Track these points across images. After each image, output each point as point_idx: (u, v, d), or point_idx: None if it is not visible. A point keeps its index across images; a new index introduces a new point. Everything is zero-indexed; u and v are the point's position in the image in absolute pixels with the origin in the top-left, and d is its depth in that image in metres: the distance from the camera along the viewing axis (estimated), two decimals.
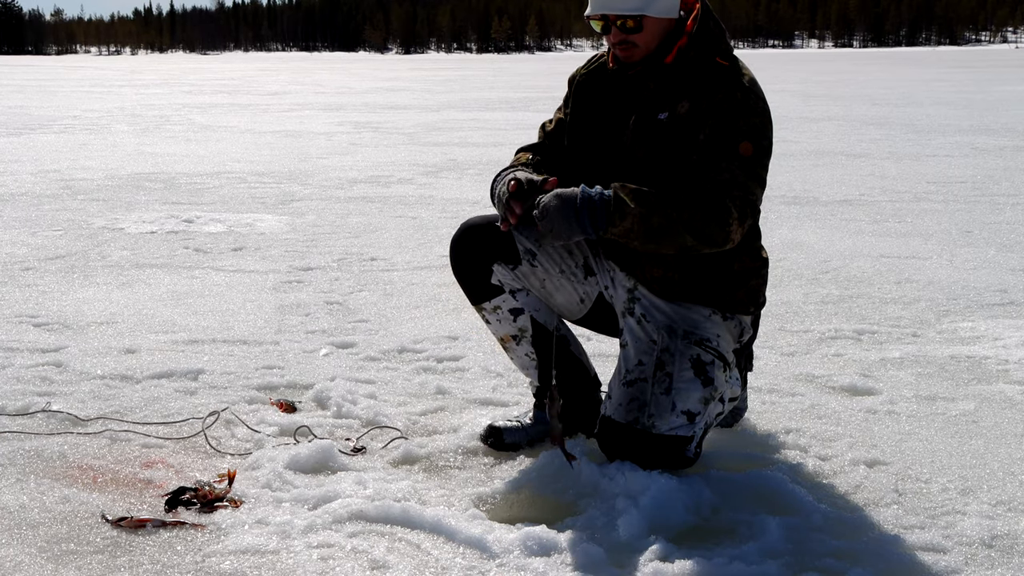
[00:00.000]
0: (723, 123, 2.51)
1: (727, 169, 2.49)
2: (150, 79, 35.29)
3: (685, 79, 2.60)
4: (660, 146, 2.59)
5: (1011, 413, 3.14)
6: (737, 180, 2.48)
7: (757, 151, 2.52)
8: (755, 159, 2.52)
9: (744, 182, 2.49)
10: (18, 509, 2.39)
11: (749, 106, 2.54)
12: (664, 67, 2.62)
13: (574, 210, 2.44)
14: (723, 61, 2.60)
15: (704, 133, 2.53)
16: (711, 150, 2.51)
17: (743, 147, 2.50)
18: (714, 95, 2.54)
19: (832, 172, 9.31)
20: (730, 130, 2.51)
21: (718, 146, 2.50)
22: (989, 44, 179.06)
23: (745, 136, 2.51)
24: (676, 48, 2.60)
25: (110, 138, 12.71)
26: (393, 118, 16.25)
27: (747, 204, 2.50)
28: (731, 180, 2.48)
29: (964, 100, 20.27)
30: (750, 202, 2.51)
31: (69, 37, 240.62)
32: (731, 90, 2.54)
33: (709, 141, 2.52)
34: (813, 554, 2.23)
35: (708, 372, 2.57)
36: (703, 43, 2.61)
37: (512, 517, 2.42)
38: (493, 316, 2.85)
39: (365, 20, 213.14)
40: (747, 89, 2.56)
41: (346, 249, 5.74)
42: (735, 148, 2.50)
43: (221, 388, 3.30)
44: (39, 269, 5.15)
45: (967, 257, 5.58)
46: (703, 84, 2.57)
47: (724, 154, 2.50)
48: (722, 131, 2.51)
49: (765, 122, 2.56)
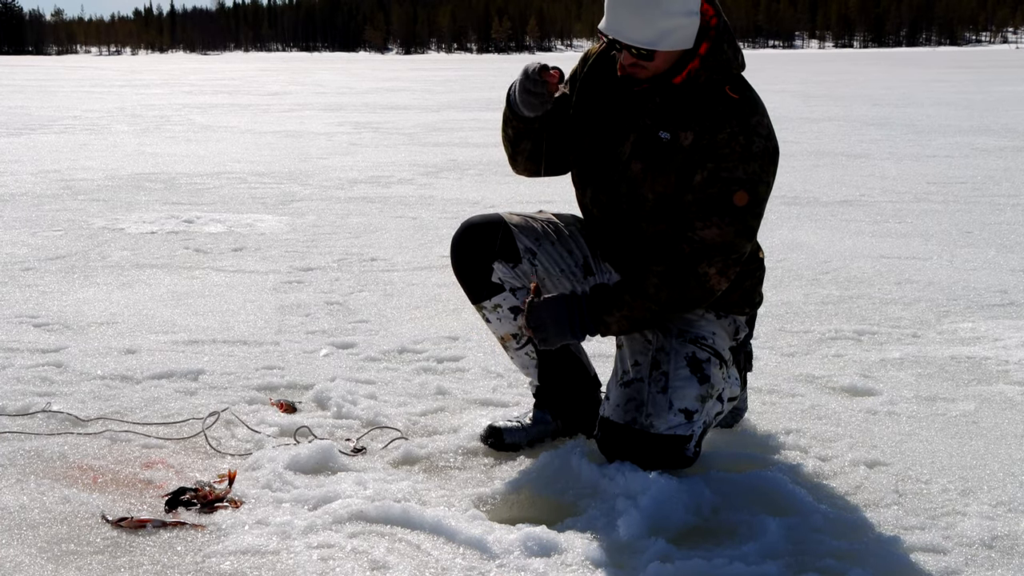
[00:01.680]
0: (721, 169, 2.48)
1: (716, 224, 2.48)
2: (150, 79, 35.29)
3: (692, 104, 2.54)
4: (656, 164, 2.56)
5: (1011, 414, 3.14)
6: (724, 240, 2.49)
7: (752, 200, 2.49)
8: (748, 209, 2.49)
9: (731, 240, 2.49)
10: (18, 509, 2.39)
11: (751, 151, 2.48)
12: (672, 87, 2.57)
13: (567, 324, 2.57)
14: (733, 94, 2.53)
15: (702, 175, 2.50)
16: (704, 198, 2.49)
17: (737, 197, 2.48)
18: (716, 134, 2.49)
19: (832, 172, 9.32)
20: (727, 179, 2.48)
21: (712, 195, 2.48)
22: (989, 44, 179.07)
23: (741, 185, 2.48)
24: (687, 71, 2.53)
25: (110, 138, 12.71)
26: (393, 118, 16.25)
27: (727, 263, 2.52)
28: (711, 242, 2.49)
29: (964, 101, 20.28)
30: (732, 260, 2.52)
31: (69, 37, 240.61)
32: (735, 132, 2.48)
33: (704, 187, 2.49)
34: (813, 554, 2.23)
35: (704, 369, 2.57)
36: (714, 68, 2.54)
37: (512, 517, 2.42)
38: (493, 315, 2.85)
39: (365, 20, 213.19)
40: (751, 130, 2.49)
41: (346, 249, 5.74)
42: (729, 199, 2.48)
43: (221, 388, 3.30)
44: (39, 269, 5.15)
45: (967, 258, 5.58)
46: (709, 117, 2.51)
47: (716, 205, 2.48)
48: (719, 178, 2.48)
49: (765, 165, 2.51)
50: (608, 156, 2.65)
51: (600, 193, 2.69)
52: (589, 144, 2.71)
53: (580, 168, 2.75)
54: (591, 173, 2.71)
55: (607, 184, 2.66)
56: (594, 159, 2.69)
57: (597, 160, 2.68)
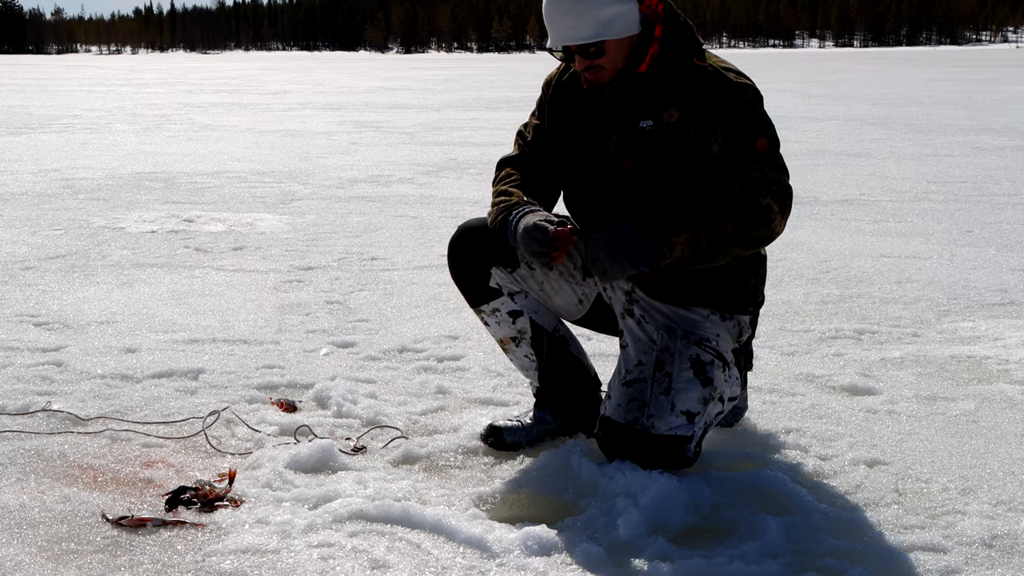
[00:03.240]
0: (733, 128, 2.50)
1: (756, 169, 2.49)
2: (151, 78, 35.30)
3: (666, 85, 2.56)
4: (646, 154, 2.57)
5: (1011, 413, 3.14)
6: (768, 176, 2.49)
7: (772, 142, 2.54)
8: (772, 150, 2.53)
9: (775, 176, 2.51)
10: (18, 508, 2.39)
11: (747, 101, 2.53)
12: (639, 77, 2.58)
13: (624, 253, 2.49)
14: (700, 62, 2.57)
15: (717, 143, 2.51)
16: (732, 156, 2.50)
17: (759, 144, 2.51)
18: (708, 101, 2.51)
19: (833, 172, 9.31)
20: (742, 132, 2.50)
21: (737, 151, 2.50)
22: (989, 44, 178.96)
23: (757, 132, 2.51)
24: (648, 57, 2.56)
25: (111, 137, 12.71)
26: (394, 117, 16.25)
27: (784, 195, 2.51)
28: (763, 177, 2.49)
29: (965, 100, 20.27)
30: (786, 192, 2.52)
31: (69, 36, 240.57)
32: (725, 92, 2.52)
33: (726, 149, 2.50)
34: (813, 554, 2.23)
35: (707, 372, 2.57)
36: (675, 46, 2.57)
37: (512, 517, 2.42)
38: (492, 318, 2.85)
39: (365, 20, 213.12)
40: (738, 85, 2.54)
41: (346, 248, 5.74)
42: (753, 148, 2.50)
43: (221, 387, 3.30)
44: (39, 268, 5.15)
45: (967, 257, 5.58)
46: (690, 90, 2.53)
47: (746, 156, 2.50)
48: (735, 136, 2.50)
49: (761, 106, 2.56)
50: (596, 160, 2.66)
51: (597, 196, 2.69)
52: (575, 155, 2.70)
53: (572, 179, 2.75)
54: (583, 180, 2.71)
55: (602, 186, 2.66)
56: (583, 167, 2.69)
57: (586, 167, 2.68)
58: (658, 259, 2.49)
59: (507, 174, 2.76)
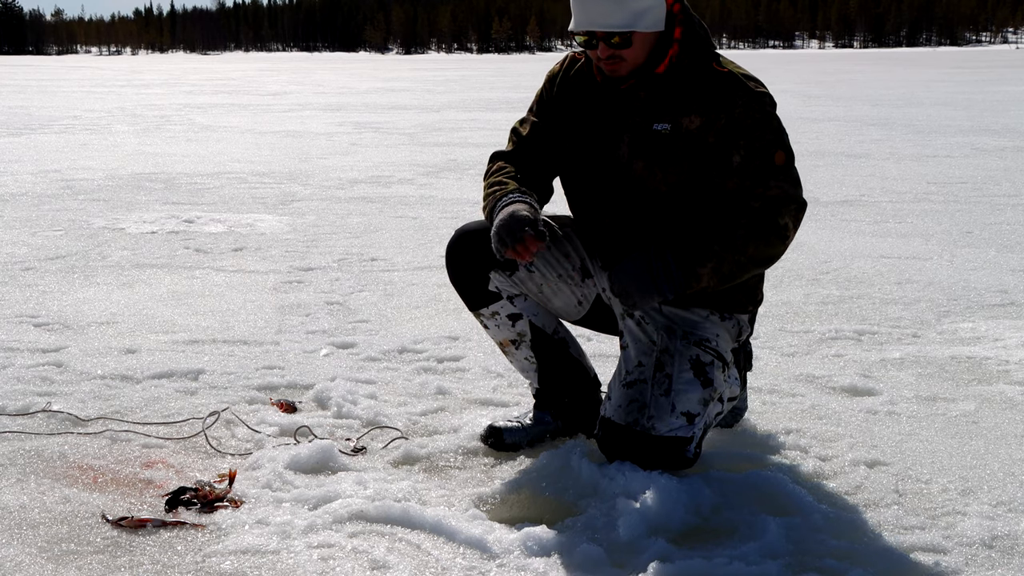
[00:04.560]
0: (755, 140, 2.51)
1: (775, 185, 2.51)
2: (150, 79, 35.29)
3: (682, 89, 2.55)
4: (662, 158, 2.56)
5: (1011, 414, 3.14)
6: (787, 193, 2.52)
7: (788, 155, 2.55)
8: (789, 163, 2.55)
9: (792, 192, 2.53)
10: (18, 509, 2.39)
11: (767, 113, 2.53)
12: (656, 77, 2.57)
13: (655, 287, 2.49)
14: (720, 68, 2.56)
15: (739, 155, 2.51)
16: (753, 171, 2.51)
17: (777, 157, 2.53)
18: (732, 110, 2.50)
19: (833, 172, 9.32)
20: (762, 146, 2.52)
21: (758, 165, 2.51)
22: (989, 45, 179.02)
23: (775, 146, 2.53)
24: (668, 58, 2.54)
25: (110, 138, 12.71)
26: (394, 118, 16.25)
27: (799, 211, 2.55)
28: (782, 195, 2.52)
29: (965, 101, 20.27)
30: (801, 208, 2.56)
31: (70, 37, 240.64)
32: (748, 103, 2.51)
33: (747, 162, 2.51)
34: (813, 554, 2.23)
35: (707, 373, 2.57)
36: (694, 49, 2.56)
37: (512, 517, 2.42)
38: (491, 321, 2.85)
39: (365, 20, 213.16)
40: (759, 95, 2.53)
41: (346, 249, 5.74)
42: (772, 162, 2.52)
43: (221, 388, 3.30)
44: (39, 269, 5.15)
45: (967, 257, 5.58)
46: (712, 97, 2.52)
47: (766, 171, 2.51)
48: (756, 149, 2.51)
49: (777, 118, 2.57)
50: (607, 162, 2.63)
51: (607, 199, 2.67)
52: (581, 155, 2.67)
53: (577, 179, 2.74)
54: (590, 181, 2.69)
55: (612, 189, 2.64)
56: (590, 167, 2.67)
57: (594, 168, 2.66)
58: (685, 290, 2.51)
59: (500, 167, 2.73)
